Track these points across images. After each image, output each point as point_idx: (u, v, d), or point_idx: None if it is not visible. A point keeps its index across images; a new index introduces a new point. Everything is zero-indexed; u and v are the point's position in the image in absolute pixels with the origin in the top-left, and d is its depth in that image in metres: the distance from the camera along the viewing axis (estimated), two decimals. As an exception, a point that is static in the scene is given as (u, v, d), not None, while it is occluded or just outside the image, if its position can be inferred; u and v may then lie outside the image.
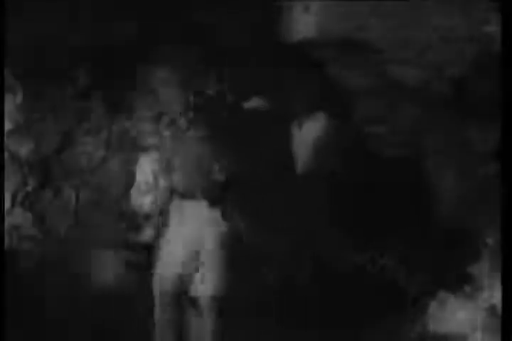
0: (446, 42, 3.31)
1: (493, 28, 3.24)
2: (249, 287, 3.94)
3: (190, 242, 3.86)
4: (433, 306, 3.65)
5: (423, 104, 3.51)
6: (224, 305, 3.85)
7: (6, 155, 4.17)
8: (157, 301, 3.85)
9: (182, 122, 3.89)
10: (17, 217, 4.21)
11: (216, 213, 3.81)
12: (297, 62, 4.09)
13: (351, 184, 4.46)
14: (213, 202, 3.78)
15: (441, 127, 3.53)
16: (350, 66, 3.56)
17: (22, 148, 4.23)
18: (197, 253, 3.84)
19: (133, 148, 4.24)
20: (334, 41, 3.44)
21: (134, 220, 4.28)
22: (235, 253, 3.89)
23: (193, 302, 3.89)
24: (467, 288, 3.63)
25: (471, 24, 3.28)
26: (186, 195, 3.83)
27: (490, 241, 3.56)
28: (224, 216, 3.80)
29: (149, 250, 4.14)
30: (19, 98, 4.21)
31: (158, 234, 4.04)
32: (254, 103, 3.96)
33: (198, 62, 4.13)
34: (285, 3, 3.62)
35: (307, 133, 4.45)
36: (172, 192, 3.90)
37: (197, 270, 3.87)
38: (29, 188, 4.24)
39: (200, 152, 3.85)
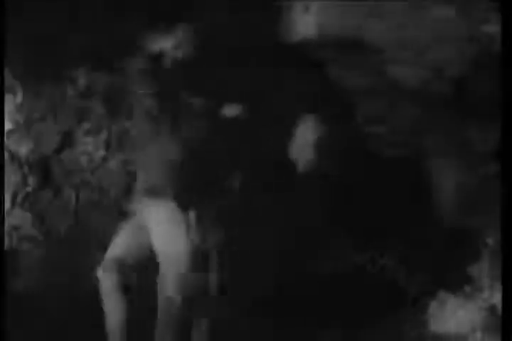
0: (446, 42, 3.31)
1: (493, 28, 3.24)
2: (243, 288, 3.94)
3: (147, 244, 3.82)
4: (433, 306, 3.65)
5: (423, 104, 3.51)
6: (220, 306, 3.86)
7: (6, 155, 4.16)
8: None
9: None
10: (17, 218, 4.21)
11: (186, 216, 3.77)
12: (297, 62, 4.10)
13: (351, 184, 4.46)
14: (184, 205, 3.74)
15: (441, 127, 3.53)
16: (350, 66, 3.56)
17: (22, 148, 4.23)
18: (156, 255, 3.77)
19: (133, 148, 4.24)
20: (334, 41, 3.44)
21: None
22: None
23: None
24: (467, 288, 3.64)
25: (471, 24, 3.28)
26: (154, 195, 3.78)
27: (490, 241, 3.56)
28: (197, 220, 3.75)
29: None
30: (19, 98, 4.21)
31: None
32: (233, 110, 3.97)
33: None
34: (285, 3, 3.62)
35: (306, 134, 4.46)
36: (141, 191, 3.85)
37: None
38: (29, 188, 4.24)
39: (175, 151, 3.82)
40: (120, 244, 3.82)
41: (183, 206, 3.71)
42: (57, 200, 4.21)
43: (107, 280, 3.76)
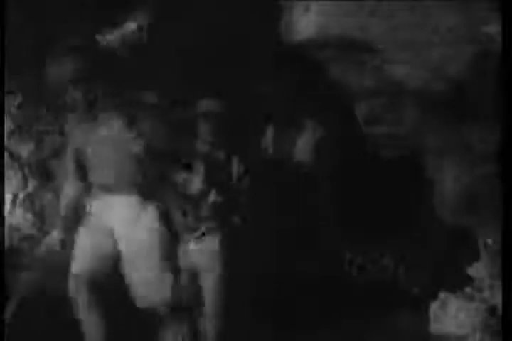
0: (446, 42, 3.31)
1: (493, 28, 3.24)
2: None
3: (112, 243, 3.78)
4: (433, 306, 3.65)
5: (423, 104, 3.51)
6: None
7: (6, 155, 4.16)
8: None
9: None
10: (17, 218, 4.21)
11: (151, 210, 3.74)
12: (297, 62, 4.09)
13: (351, 184, 4.46)
14: (146, 197, 3.72)
15: (441, 127, 3.53)
16: (350, 66, 3.56)
17: (22, 149, 4.23)
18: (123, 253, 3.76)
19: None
20: (334, 41, 3.44)
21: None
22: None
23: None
24: (467, 289, 3.63)
25: (471, 24, 3.28)
26: (111, 190, 3.77)
27: (490, 241, 3.55)
28: (161, 214, 3.74)
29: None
30: (19, 98, 4.21)
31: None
32: (207, 105, 3.98)
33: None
34: (285, 3, 3.62)
35: (307, 134, 4.45)
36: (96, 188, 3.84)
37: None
38: (29, 189, 4.23)
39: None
40: (85, 257, 3.79)
41: (147, 199, 3.69)
42: (57, 200, 4.21)
43: (79, 298, 3.74)
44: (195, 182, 3.89)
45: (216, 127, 3.96)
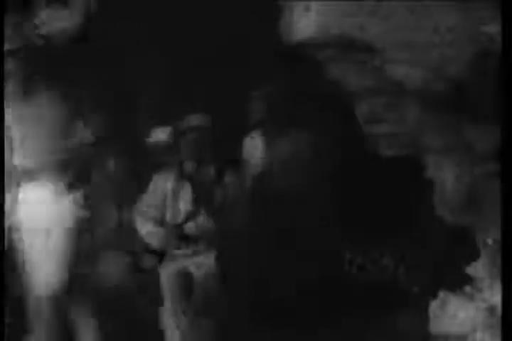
0: (446, 42, 3.31)
1: (493, 28, 3.24)
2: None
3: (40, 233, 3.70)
4: (433, 306, 3.65)
5: (423, 104, 3.51)
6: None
7: (7, 155, 4.15)
8: None
9: None
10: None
11: (68, 199, 3.66)
12: (297, 62, 4.10)
13: (351, 184, 4.46)
14: (69, 186, 3.65)
15: (441, 127, 3.53)
16: (351, 66, 3.56)
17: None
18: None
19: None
20: (334, 41, 3.44)
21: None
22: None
23: None
24: (467, 288, 3.63)
25: (471, 24, 3.28)
26: (35, 177, 3.67)
27: (490, 240, 3.56)
28: (80, 202, 3.68)
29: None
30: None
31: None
32: (195, 121, 3.97)
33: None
34: (285, 3, 3.62)
35: (307, 134, 4.46)
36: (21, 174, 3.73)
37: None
38: (29, 188, 4.22)
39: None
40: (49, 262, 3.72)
41: (68, 186, 3.64)
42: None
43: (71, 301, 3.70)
44: (184, 203, 3.85)
45: (205, 141, 3.93)
